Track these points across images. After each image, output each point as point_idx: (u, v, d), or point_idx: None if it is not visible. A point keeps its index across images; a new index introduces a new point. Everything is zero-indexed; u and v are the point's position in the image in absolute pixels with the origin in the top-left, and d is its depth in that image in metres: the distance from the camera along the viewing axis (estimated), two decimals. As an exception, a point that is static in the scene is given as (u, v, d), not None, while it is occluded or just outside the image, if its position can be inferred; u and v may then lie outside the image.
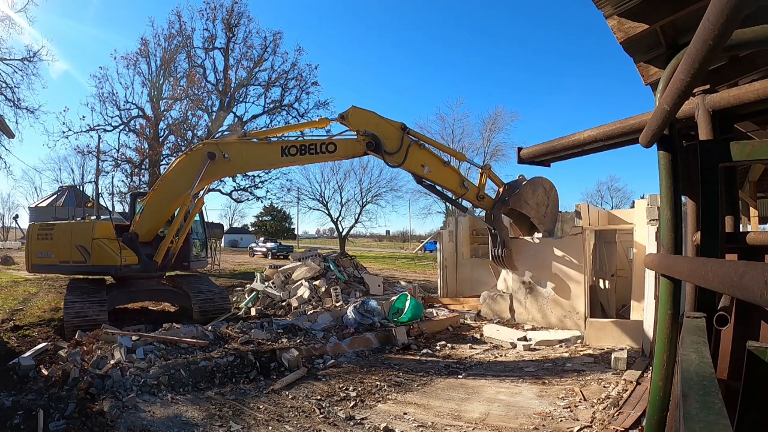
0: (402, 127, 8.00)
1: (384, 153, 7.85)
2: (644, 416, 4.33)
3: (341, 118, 8.03)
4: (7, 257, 22.68)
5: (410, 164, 8.01)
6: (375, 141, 7.84)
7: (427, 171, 8.01)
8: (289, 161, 8.45)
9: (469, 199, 8.30)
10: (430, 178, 8.13)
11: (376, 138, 7.86)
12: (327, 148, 8.00)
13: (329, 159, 8.53)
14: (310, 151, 8.01)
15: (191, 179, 8.49)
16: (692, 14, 2.49)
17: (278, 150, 8.16)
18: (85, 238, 9.27)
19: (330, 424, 4.82)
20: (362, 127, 7.93)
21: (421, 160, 8.05)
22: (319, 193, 34.06)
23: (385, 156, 7.88)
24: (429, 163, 8.11)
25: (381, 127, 7.97)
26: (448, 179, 8.23)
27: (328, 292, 11.35)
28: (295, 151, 8.08)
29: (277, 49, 23.45)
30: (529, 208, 8.33)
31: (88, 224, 9.99)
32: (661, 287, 2.17)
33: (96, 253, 9.14)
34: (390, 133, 7.95)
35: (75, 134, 21.51)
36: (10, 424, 4.47)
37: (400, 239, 78.23)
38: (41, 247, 9.64)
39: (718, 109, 2.19)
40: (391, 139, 7.94)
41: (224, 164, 8.36)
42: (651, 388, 2.20)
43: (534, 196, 8.40)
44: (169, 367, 5.96)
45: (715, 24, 1.08)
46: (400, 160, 7.90)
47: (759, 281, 0.81)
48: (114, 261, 9.06)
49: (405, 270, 26.48)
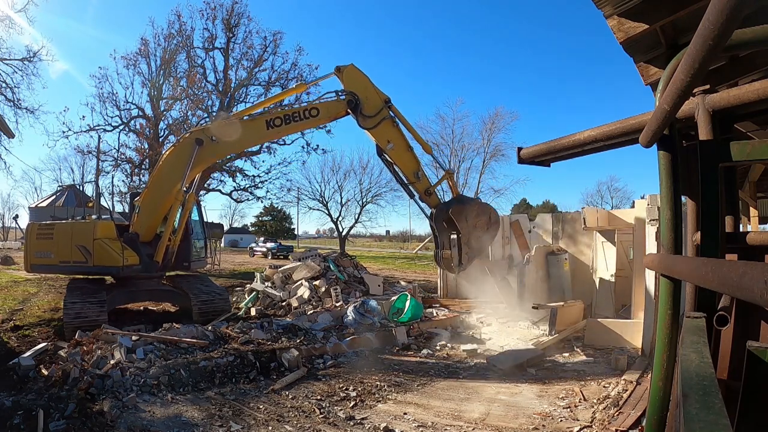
0: (386, 100, 8.20)
1: (360, 114, 8.05)
2: (644, 416, 4.33)
3: (337, 70, 8.15)
4: (7, 257, 22.71)
5: (378, 134, 8.18)
6: (355, 100, 8.03)
7: (390, 147, 8.21)
8: (275, 133, 8.65)
9: (418, 189, 8.35)
10: (390, 154, 8.28)
11: (357, 97, 8.04)
12: (310, 113, 8.20)
13: (314, 123, 8.72)
14: (295, 119, 8.19)
15: (183, 169, 8.55)
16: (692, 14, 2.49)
17: (263, 124, 8.30)
18: (86, 238, 9.23)
19: (330, 424, 4.82)
20: (352, 85, 8.12)
21: (389, 136, 8.23)
22: (319, 193, 34.00)
23: (360, 117, 8.05)
24: (395, 141, 8.28)
25: (368, 92, 8.16)
26: (405, 163, 8.35)
27: (328, 292, 11.35)
28: (279, 122, 8.24)
29: (277, 49, 23.46)
30: (465, 225, 7.96)
31: (89, 224, 9.94)
32: (661, 287, 2.17)
33: (97, 253, 9.11)
34: (373, 100, 8.14)
35: (75, 134, 21.56)
36: (10, 424, 4.47)
37: (400, 239, 78.20)
38: (40, 247, 9.57)
39: (718, 109, 2.18)
40: (372, 106, 8.12)
41: (213, 147, 8.50)
42: (651, 388, 2.20)
43: (475, 219, 8.06)
44: (169, 367, 5.96)
45: (715, 24, 1.08)
46: (372, 125, 8.09)
47: (759, 281, 0.81)
48: (116, 261, 9.04)
49: (405, 270, 26.48)
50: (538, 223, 12.92)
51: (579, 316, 9.46)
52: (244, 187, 24.13)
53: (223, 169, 23.18)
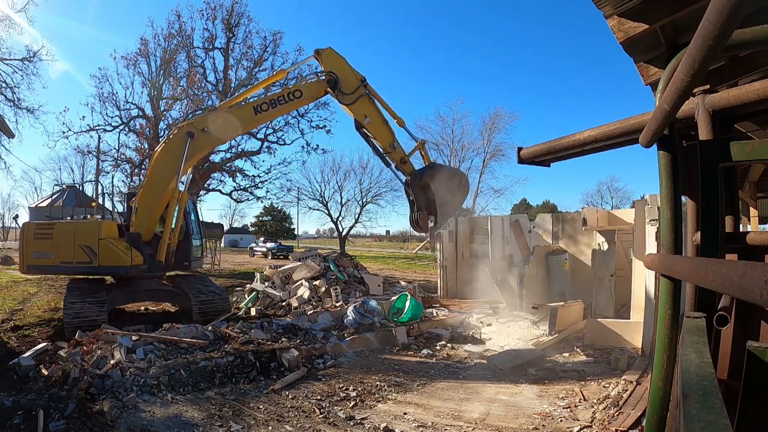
0: (362, 80, 8.94)
1: (339, 92, 8.78)
2: (644, 416, 4.33)
3: (317, 53, 8.94)
4: (7, 257, 22.68)
5: (356, 109, 8.90)
6: (335, 79, 8.74)
7: (368, 122, 8.94)
8: (263, 117, 9.32)
9: (394, 158, 9.04)
10: (368, 128, 8.97)
11: (336, 76, 8.75)
12: (294, 95, 8.95)
13: (298, 105, 9.55)
14: (280, 102, 8.90)
15: (176, 164, 8.80)
16: (692, 14, 2.49)
17: (251, 110, 8.87)
18: (90, 238, 9.11)
19: (330, 424, 4.82)
20: (331, 66, 8.83)
21: (366, 111, 8.95)
22: (319, 193, 33.99)
23: (339, 94, 8.77)
24: (371, 116, 8.99)
25: (345, 72, 8.87)
26: (382, 135, 9.02)
27: (328, 292, 11.35)
28: (266, 106, 8.87)
29: (277, 49, 23.56)
30: (439, 188, 8.79)
31: (94, 223, 9.82)
32: (661, 287, 2.16)
33: (103, 253, 9.01)
34: (350, 79, 8.85)
35: (75, 134, 21.61)
36: (10, 424, 4.47)
37: (400, 239, 78.15)
38: (39, 247, 9.33)
39: (718, 109, 2.18)
40: (349, 84, 8.84)
41: (205, 138, 8.91)
42: (651, 388, 2.20)
43: (448, 182, 8.93)
44: (169, 367, 5.96)
45: (715, 24, 1.08)
46: (351, 101, 8.83)
47: (759, 281, 0.81)
48: (123, 261, 9.00)
49: (405, 270, 26.48)
50: (538, 223, 12.93)
51: (579, 316, 9.46)
52: (244, 187, 24.18)
53: (223, 169, 23.20)
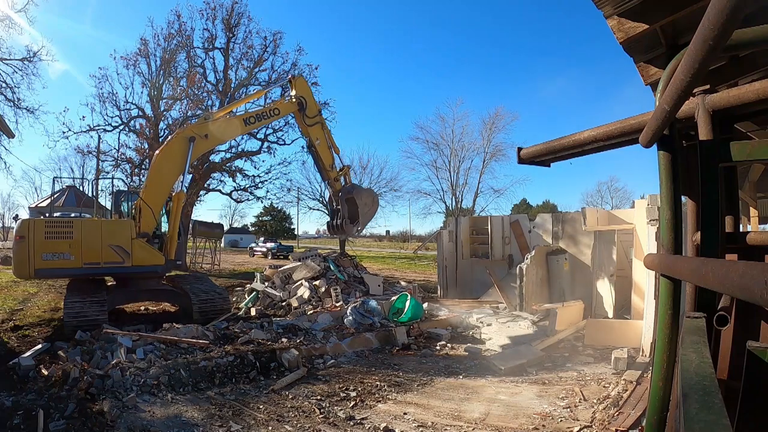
0: (320, 110, 11.49)
1: (304, 114, 10.89)
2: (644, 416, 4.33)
3: (291, 79, 11.15)
4: (7, 257, 22.66)
5: (312, 132, 11.00)
6: (303, 103, 10.86)
7: (318, 143, 11.10)
8: (250, 128, 11.17)
9: (330, 176, 11.31)
10: (317, 148, 11.08)
11: (305, 101, 10.90)
12: (273, 112, 10.90)
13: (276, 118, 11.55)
14: (264, 116, 10.75)
15: (181, 164, 9.50)
16: (692, 14, 2.49)
17: (242, 121, 10.48)
18: (122, 238, 8.70)
19: (330, 424, 4.82)
20: (301, 92, 10.98)
21: (318, 135, 11.16)
22: (319, 193, 33.99)
23: (304, 116, 10.85)
24: (321, 139, 11.21)
25: (310, 100, 11.11)
26: (326, 156, 11.26)
27: (328, 292, 11.35)
28: (253, 120, 10.63)
29: (277, 49, 23.48)
30: (361, 203, 11.03)
31: (126, 222, 9.30)
32: (661, 287, 2.16)
33: (136, 253, 8.73)
34: (313, 106, 11.10)
35: (75, 134, 21.50)
36: (10, 424, 4.47)
37: (400, 239, 78.10)
38: (54, 248, 8.28)
39: (718, 109, 2.18)
40: (312, 110, 11.07)
41: (204, 142, 10.08)
42: (651, 388, 2.20)
43: (365, 198, 11.19)
44: (169, 367, 5.96)
45: (715, 24, 1.08)
46: (311, 123, 10.94)
47: (759, 281, 0.81)
48: (158, 260, 8.98)
49: (405, 270, 26.48)
50: (538, 223, 12.93)
51: (579, 316, 9.47)
52: (244, 187, 24.13)
53: (223, 169, 23.17)
